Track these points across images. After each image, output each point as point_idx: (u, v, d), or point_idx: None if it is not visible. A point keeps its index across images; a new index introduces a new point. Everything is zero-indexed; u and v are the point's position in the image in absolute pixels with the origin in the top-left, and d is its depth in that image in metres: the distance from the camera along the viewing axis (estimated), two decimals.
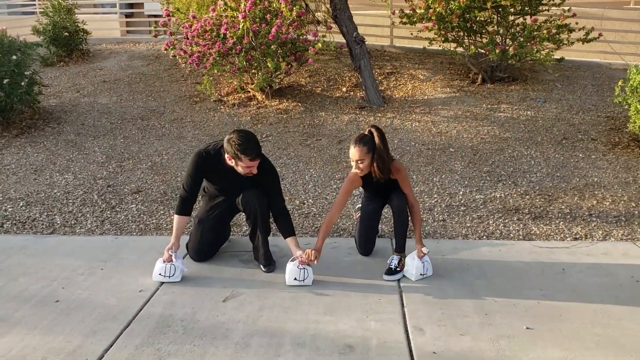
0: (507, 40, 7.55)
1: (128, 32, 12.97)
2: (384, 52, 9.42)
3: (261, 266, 3.65)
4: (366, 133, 3.45)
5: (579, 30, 7.39)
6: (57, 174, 5.45)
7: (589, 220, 4.41)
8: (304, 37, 7.02)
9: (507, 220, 4.45)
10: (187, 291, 3.34)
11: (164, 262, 3.49)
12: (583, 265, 3.63)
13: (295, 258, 3.45)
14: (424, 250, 3.44)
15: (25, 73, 6.28)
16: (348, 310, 3.10)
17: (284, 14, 6.73)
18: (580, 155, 5.65)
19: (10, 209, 4.77)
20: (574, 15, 7.57)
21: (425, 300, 3.19)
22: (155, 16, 13.11)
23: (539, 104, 7.01)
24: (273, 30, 6.51)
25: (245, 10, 6.61)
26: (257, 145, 3.41)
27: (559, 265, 3.63)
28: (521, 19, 7.58)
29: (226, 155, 3.46)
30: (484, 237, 4.20)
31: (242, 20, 6.51)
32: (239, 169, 3.46)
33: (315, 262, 3.42)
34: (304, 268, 3.40)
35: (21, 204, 4.85)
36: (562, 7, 7.54)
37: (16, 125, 6.62)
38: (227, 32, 6.54)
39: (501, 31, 7.51)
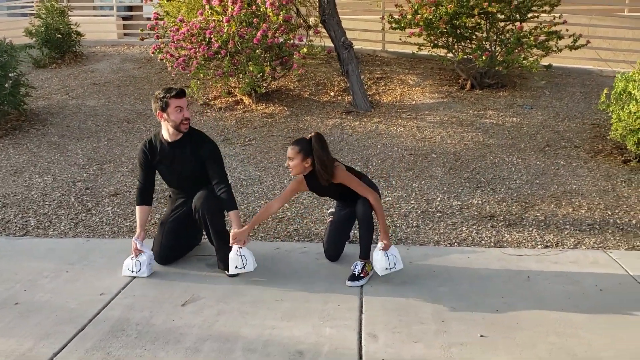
0: (497, 47, 7.54)
1: (125, 34, 13.01)
2: (375, 57, 9.42)
3: (226, 271, 3.60)
4: (307, 137, 3.49)
5: (570, 37, 7.37)
6: (37, 176, 5.46)
7: (562, 228, 4.38)
8: (292, 41, 7.02)
9: (480, 227, 4.43)
10: (148, 294, 3.34)
11: (132, 256, 3.59)
12: (550, 273, 3.61)
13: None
14: (384, 241, 3.42)
15: (10, 75, 6.30)
16: (306, 316, 3.09)
17: (271, 18, 6.74)
18: (562, 162, 5.62)
19: None
20: (564, 22, 7.55)
21: (384, 307, 3.18)
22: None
23: (526, 111, 6.99)
24: (258, 34, 6.52)
25: (231, 14, 6.62)
26: (178, 87, 3.60)
27: (526, 273, 3.61)
28: (511, 26, 7.57)
29: (157, 114, 3.58)
30: (456, 244, 4.18)
31: (226, 24, 6.51)
32: (173, 118, 3.52)
33: (243, 244, 3.47)
34: (242, 255, 3.41)
35: None
36: (553, 13, 7.52)
37: (1, 127, 6.65)
38: (212, 36, 6.55)
39: (489, 37, 7.49)
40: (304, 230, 4.42)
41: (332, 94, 7.80)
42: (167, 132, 3.66)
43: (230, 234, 3.48)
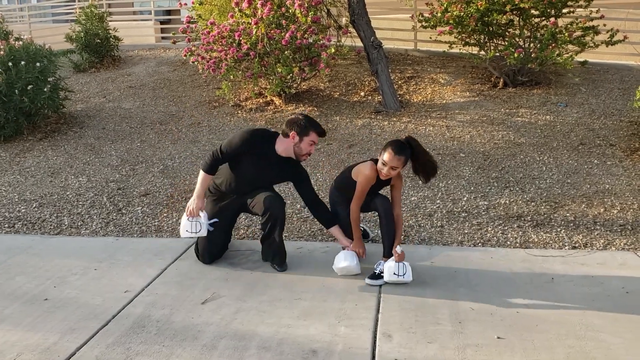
0: (530, 43, 7.40)
1: (163, 38, 13.29)
2: (406, 56, 9.36)
3: (275, 266, 3.76)
4: (404, 142, 3.52)
5: (607, 32, 7.17)
6: (72, 177, 5.64)
7: (592, 228, 4.28)
8: (321, 42, 7.05)
9: (506, 228, 4.36)
10: (170, 292, 3.42)
11: (189, 217, 3.65)
12: (575, 275, 3.53)
13: (346, 247, 3.67)
14: (398, 250, 3.41)
15: (49, 79, 6.53)
16: (322, 315, 3.10)
17: (299, 19, 6.78)
18: (595, 161, 5.48)
19: (23, 210, 4.97)
20: (602, 17, 7.35)
21: (401, 307, 3.17)
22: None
23: (560, 109, 6.84)
24: (287, 36, 6.57)
25: (260, 16, 6.70)
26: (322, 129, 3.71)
27: (550, 275, 3.54)
28: (545, 22, 7.41)
29: (290, 133, 3.60)
30: (480, 244, 4.13)
31: (255, 27, 6.59)
32: (301, 147, 3.62)
33: (363, 256, 3.65)
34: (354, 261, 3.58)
35: (34, 205, 5.05)
36: (590, 8, 7.32)
37: (41, 130, 6.89)
38: (241, 38, 6.63)
39: (522, 34, 7.35)
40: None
41: (362, 94, 7.79)
42: (283, 147, 3.66)
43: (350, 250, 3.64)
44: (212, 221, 3.78)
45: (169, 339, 2.89)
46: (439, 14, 7.31)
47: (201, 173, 3.68)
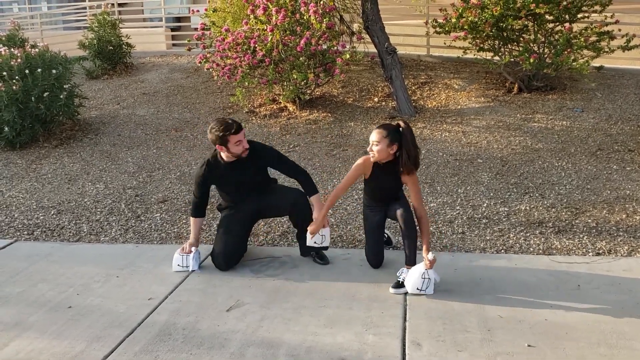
0: (545, 49, 7.37)
1: (174, 45, 13.35)
2: (420, 62, 9.35)
3: (318, 260, 3.91)
4: (392, 123, 3.50)
5: (622, 37, 7.13)
6: (90, 184, 5.65)
7: (615, 234, 4.23)
8: (335, 48, 7.05)
9: (528, 234, 4.32)
10: (193, 300, 3.40)
11: (179, 252, 3.84)
12: (601, 281, 3.49)
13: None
14: (430, 257, 3.36)
15: (65, 86, 6.56)
16: (349, 323, 3.08)
17: (314, 25, 6.78)
18: (615, 167, 5.43)
19: (41, 217, 4.98)
20: (617, 22, 7.31)
21: (428, 315, 3.14)
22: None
23: (576, 114, 6.80)
24: (301, 42, 6.58)
25: (275, 23, 6.70)
26: (232, 120, 3.72)
27: (575, 281, 3.50)
28: (560, 27, 7.38)
29: (216, 146, 3.74)
30: (502, 250, 4.10)
31: (270, 33, 6.60)
32: (233, 151, 3.69)
33: (312, 235, 3.67)
34: (322, 235, 3.71)
35: (52, 212, 5.05)
36: (605, 13, 7.29)
37: (57, 137, 6.91)
38: (256, 45, 6.64)
39: (537, 39, 7.33)
40: (348, 237, 4.42)
41: (376, 99, 7.78)
42: (225, 155, 3.80)
43: (310, 227, 3.69)
44: (198, 255, 3.94)
45: (196, 347, 2.87)
46: (454, 20, 7.29)
47: (191, 219, 3.98)
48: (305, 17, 6.89)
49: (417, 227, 3.51)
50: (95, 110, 8.06)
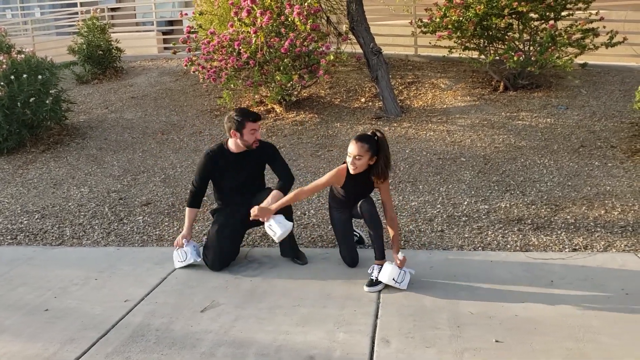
0: (530, 47, 7.40)
1: (165, 48, 13.36)
2: (407, 62, 9.38)
3: (298, 260, 3.96)
4: (369, 133, 3.52)
5: (607, 34, 7.17)
6: (75, 188, 5.68)
7: (592, 230, 4.26)
8: (321, 49, 7.07)
9: (507, 231, 4.35)
10: (170, 301, 3.43)
11: (177, 248, 3.91)
12: (575, 276, 3.52)
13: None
14: (400, 256, 3.41)
15: (51, 91, 6.58)
16: (321, 321, 3.11)
17: (299, 27, 6.81)
18: (596, 163, 5.46)
19: (25, 221, 5.00)
20: (601, 18, 7.35)
21: (400, 312, 3.16)
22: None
23: (560, 111, 6.83)
24: (286, 44, 6.61)
25: (260, 25, 6.73)
26: (253, 111, 3.88)
27: (549, 277, 3.53)
28: (545, 25, 7.41)
29: (230, 132, 3.82)
30: (480, 248, 4.13)
31: (254, 35, 6.63)
32: (247, 138, 3.78)
33: (248, 219, 3.64)
34: (269, 225, 3.59)
35: (36, 217, 5.08)
36: (590, 10, 7.32)
37: (44, 141, 6.94)
38: (241, 47, 6.67)
39: (521, 37, 7.36)
40: (329, 237, 4.45)
41: (363, 100, 7.81)
42: (234, 145, 3.89)
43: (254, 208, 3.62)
44: (194, 246, 3.99)
45: (167, 347, 2.90)
46: (438, 19, 7.33)
47: (186, 208, 4.03)
48: (290, 19, 6.92)
49: (386, 226, 3.57)
50: (84, 114, 8.09)
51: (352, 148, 3.48)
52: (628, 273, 3.53)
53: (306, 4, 6.98)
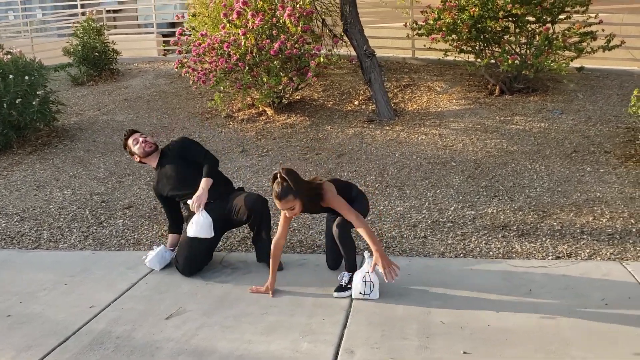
0: (526, 50, 7.28)
1: (165, 51, 13.33)
2: (404, 65, 9.27)
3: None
4: (279, 180, 3.26)
5: (605, 38, 7.03)
6: (57, 190, 5.61)
7: (578, 237, 4.14)
8: (312, 52, 6.98)
9: (490, 238, 4.24)
10: (136, 307, 3.34)
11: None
12: (555, 285, 3.40)
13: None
14: (379, 270, 3.28)
15: (38, 93, 6.53)
16: (288, 330, 3.01)
17: (290, 29, 6.73)
18: (588, 169, 5.33)
19: (3, 224, 4.94)
20: (600, 22, 7.21)
21: (370, 321, 3.06)
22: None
23: (555, 116, 6.70)
24: (275, 46, 6.52)
25: (250, 27, 6.66)
26: (127, 130, 4.13)
27: (528, 286, 3.41)
28: (542, 28, 7.28)
29: (133, 158, 4.07)
30: (462, 255, 4.01)
31: (243, 37, 6.55)
32: (138, 151, 3.97)
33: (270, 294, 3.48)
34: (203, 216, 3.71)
35: (15, 219, 5.01)
36: (589, 13, 7.19)
37: (32, 143, 6.89)
38: (230, 49, 6.60)
39: (517, 41, 7.24)
40: (308, 242, 4.35)
41: (356, 102, 7.71)
42: (146, 162, 4.07)
43: (194, 197, 3.72)
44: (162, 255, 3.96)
45: (125, 356, 2.81)
46: (431, 22, 7.22)
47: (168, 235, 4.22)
48: (281, 21, 6.85)
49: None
50: (75, 116, 8.04)
51: (279, 206, 3.29)
52: (610, 283, 3.41)
53: (298, 5, 6.90)
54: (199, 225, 3.64)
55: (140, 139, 3.97)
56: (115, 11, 16.24)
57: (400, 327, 2.97)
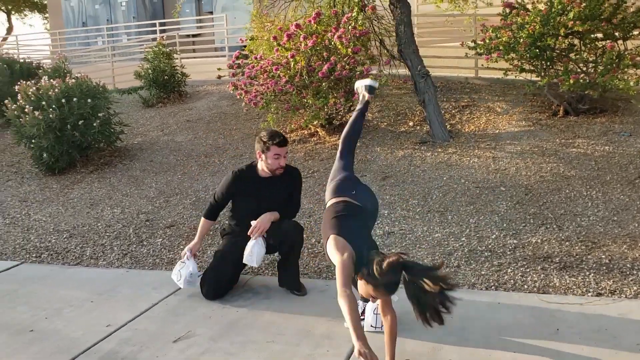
0: (593, 69, 6.86)
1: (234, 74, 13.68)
2: (466, 84, 9.00)
3: (295, 291, 3.80)
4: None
5: None
6: (109, 208, 5.83)
7: (627, 273, 3.78)
8: (363, 73, 6.92)
9: (528, 270, 3.96)
10: (150, 328, 3.37)
11: (181, 261, 3.85)
12: (586, 326, 3.11)
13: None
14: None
15: (99, 114, 6.86)
16: None
17: (340, 51, 6.71)
18: None
19: (53, 240, 5.18)
20: None
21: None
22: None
23: (622, 138, 6.24)
24: (324, 68, 6.52)
25: (300, 49, 6.70)
26: (282, 134, 3.74)
27: (557, 325, 3.14)
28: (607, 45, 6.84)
29: (257, 153, 3.74)
30: (492, 287, 3.77)
31: (292, 60, 6.59)
32: (270, 162, 3.68)
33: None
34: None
35: (65, 236, 5.25)
36: None
37: (94, 162, 7.24)
38: (280, 71, 6.66)
39: (582, 59, 6.84)
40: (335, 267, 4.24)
41: (411, 123, 7.55)
42: (260, 167, 3.81)
43: (258, 222, 3.68)
44: (191, 274, 3.82)
45: None
46: (487, 40, 6.97)
47: (202, 219, 3.93)
48: (332, 43, 6.84)
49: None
50: (140, 136, 8.38)
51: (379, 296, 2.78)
52: None
53: (350, 27, 6.87)
54: (254, 254, 3.61)
55: (281, 160, 3.71)
56: (194, 35, 16.90)
57: None
